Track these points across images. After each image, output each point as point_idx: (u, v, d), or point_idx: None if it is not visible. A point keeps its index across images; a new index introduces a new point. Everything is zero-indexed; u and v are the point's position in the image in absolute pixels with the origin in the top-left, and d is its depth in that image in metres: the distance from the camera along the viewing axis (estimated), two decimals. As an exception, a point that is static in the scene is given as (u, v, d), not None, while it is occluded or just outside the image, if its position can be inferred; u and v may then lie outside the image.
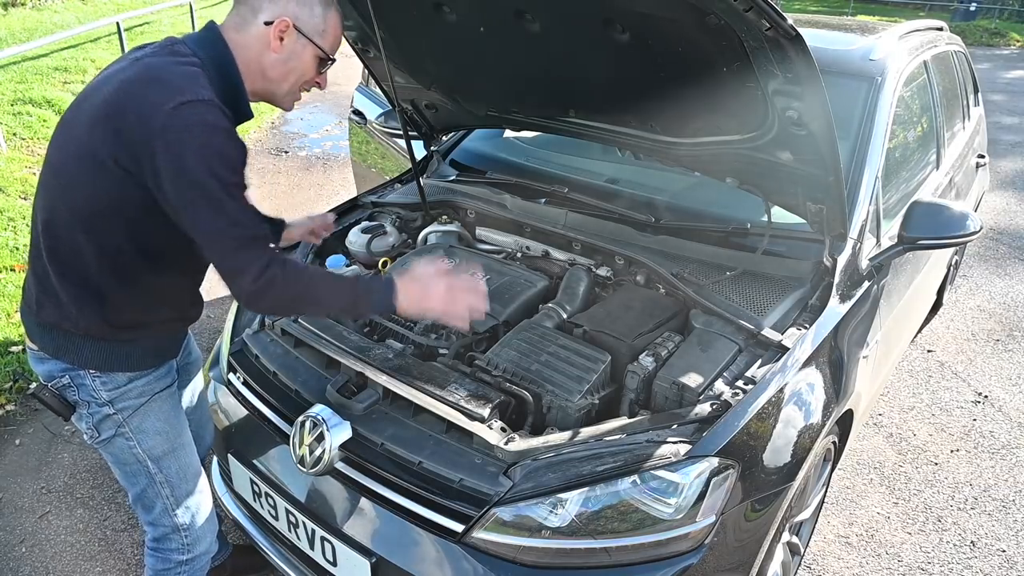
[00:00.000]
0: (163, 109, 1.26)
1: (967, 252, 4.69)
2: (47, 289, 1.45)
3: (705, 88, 1.70)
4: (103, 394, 1.51)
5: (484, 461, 1.55)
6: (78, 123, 1.36)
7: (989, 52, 14.78)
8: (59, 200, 1.39)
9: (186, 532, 1.67)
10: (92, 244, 1.38)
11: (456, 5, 1.85)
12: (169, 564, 1.69)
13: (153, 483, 1.61)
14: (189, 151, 1.27)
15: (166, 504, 1.64)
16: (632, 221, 2.18)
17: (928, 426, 3.09)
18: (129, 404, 1.54)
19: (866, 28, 2.89)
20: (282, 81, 1.47)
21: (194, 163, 1.27)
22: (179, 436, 1.64)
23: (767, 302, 1.88)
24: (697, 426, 1.55)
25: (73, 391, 1.51)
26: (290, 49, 1.43)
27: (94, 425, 1.55)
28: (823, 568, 2.37)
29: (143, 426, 1.57)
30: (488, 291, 2.01)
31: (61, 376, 1.50)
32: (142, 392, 1.55)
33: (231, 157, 1.33)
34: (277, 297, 1.39)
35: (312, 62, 1.47)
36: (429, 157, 2.83)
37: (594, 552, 1.46)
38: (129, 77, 1.33)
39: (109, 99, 1.31)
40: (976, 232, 2.12)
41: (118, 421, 1.54)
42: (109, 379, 1.51)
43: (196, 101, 1.28)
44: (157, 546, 1.68)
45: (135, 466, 1.59)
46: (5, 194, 4.89)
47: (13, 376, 3.21)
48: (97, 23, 8.57)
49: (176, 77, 1.31)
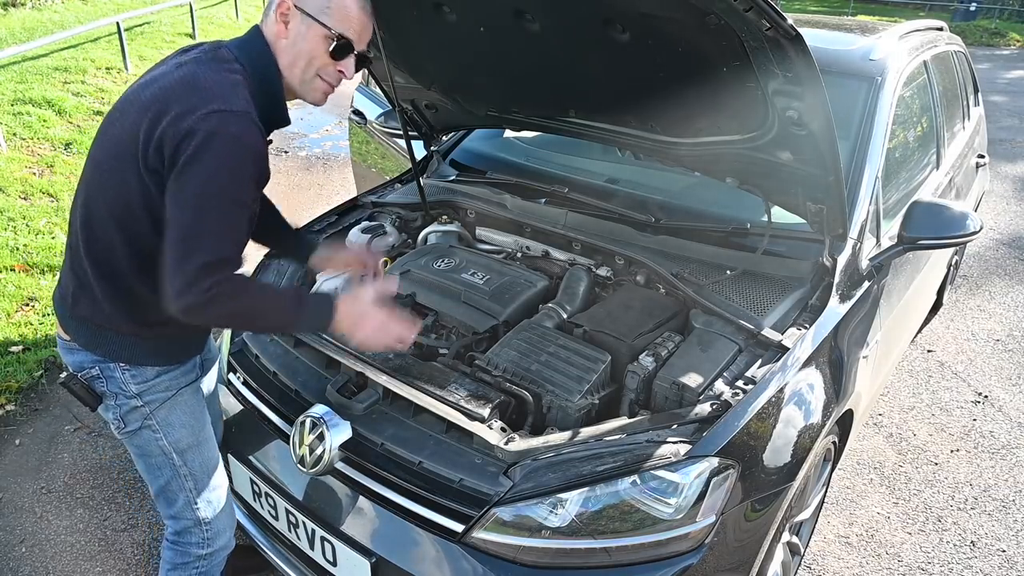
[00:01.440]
0: (196, 114, 1.28)
1: (967, 252, 4.69)
2: (83, 284, 1.47)
3: (705, 88, 1.70)
4: (132, 387, 1.53)
5: (484, 461, 1.55)
6: (119, 123, 1.38)
7: (989, 52, 14.79)
8: (97, 197, 1.41)
9: (207, 526, 1.68)
10: (125, 242, 1.40)
11: (456, 5, 1.85)
12: (188, 558, 1.70)
13: (177, 476, 1.62)
14: (207, 157, 1.27)
15: (189, 497, 1.65)
16: (632, 221, 2.18)
17: (928, 426, 3.09)
18: (157, 397, 1.56)
19: (866, 28, 2.89)
20: (292, 68, 1.43)
21: (206, 169, 1.28)
22: (203, 430, 1.65)
23: (767, 302, 1.88)
24: (697, 426, 1.55)
25: (102, 383, 1.53)
26: (295, 31, 1.40)
27: (121, 416, 1.56)
28: (823, 568, 2.37)
29: (170, 419, 1.59)
30: (488, 291, 2.02)
31: (91, 367, 1.52)
32: (169, 386, 1.57)
33: (245, 175, 1.32)
34: (215, 315, 1.37)
35: (320, 44, 1.41)
36: (429, 157, 2.83)
37: (594, 552, 1.46)
38: (170, 82, 1.35)
39: (148, 102, 1.34)
40: (976, 232, 2.12)
41: (145, 413, 1.56)
42: (138, 372, 1.53)
43: (228, 112, 1.29)
44: (178, 539, 1.69)
45: (160, 458, 1.61)
46: (5, 194, 4.88)
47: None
48: (97, 23, 8.57)
49: (214, 84, 1.33)
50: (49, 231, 4.52)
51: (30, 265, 4.08)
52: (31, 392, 3.14)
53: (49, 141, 5.96)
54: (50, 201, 4.98)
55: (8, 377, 3.15)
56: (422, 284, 2.06)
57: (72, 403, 3.03)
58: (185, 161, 1.28)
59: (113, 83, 7.78)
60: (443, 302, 2.00)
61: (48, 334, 3.51)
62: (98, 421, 2.93)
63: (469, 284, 2.05)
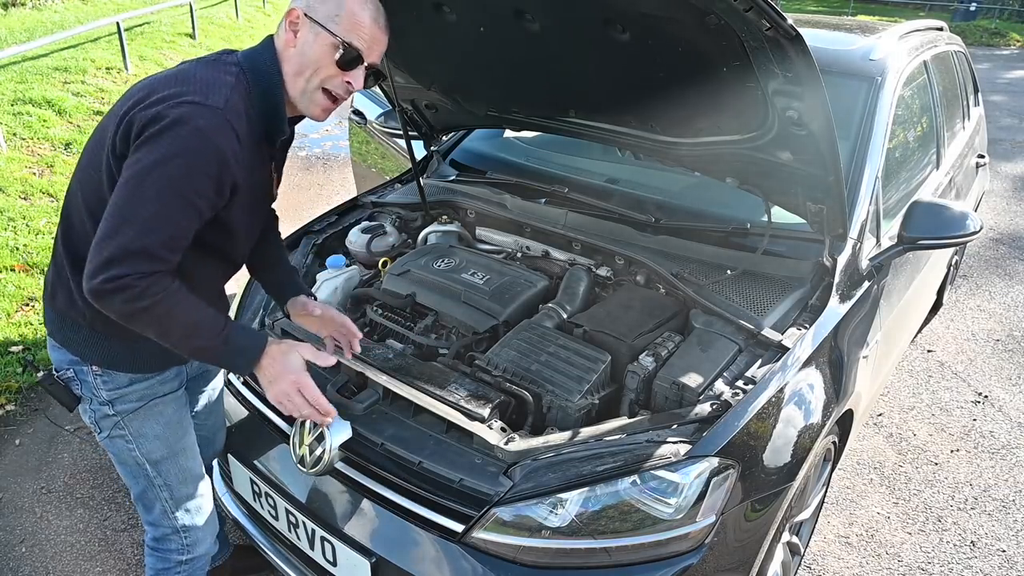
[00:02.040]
0: (168, 101, 1.25)
1: (967, 252, 4.69)
2: (61, 276, 1.45)
3: (705, 88, 1.70)
4: (103, 393, 1.51)
5: (484, 461, 1.55)
6: (109, 115, 1.37)
7: (989, 52, 14.78)
8: (78, 189, 1.40)
9: (186, 534, 1.67)
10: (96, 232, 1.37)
11: (456, 5, 1.85)
12: (169, 564, 1.69)
13: (152, 486, 1.61)
14: (163, 141, 1.22)
15: (165, 506, 1.63)
16: (632, 221, 2.18)
17: (928, 426, 3.09)
18: (128, 407, 1.53)
19: (866, 28, 2.89)
20: (298, 77, 1.37)
21: (159, 153, 1.22)
22: (180, 440, 1.62)
23: (767, 302, 1.88)
24: (697, 426, 1.55)
25: (76, 385, 1.51)
26: (303, 40, 1.35)
27: (96, 421, 1.55)
28: (823, 568, 2.37)
29: (142, 430, 1.56)
30: (488, 291, 2.02)
31: (67, 369, 1.50)
32: (143, 396, 1.54)
33: (200, 172, 1.25)
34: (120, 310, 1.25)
35: (327, 52, 1.35)
36: (429, 157, 2.83)
37: (594, 552, 1.46)
38: (162, 75, 1.34)
39: (134, 91, 1.33)
40: (976, 232, 2.12)
41: (116, 422, 1.54)
42: (110, 378, 1.50)
43: (201, 104, 1.25)
44: (157, 546, 1.68)
45: (134, 467, 1.59)
46: (5, 194, 4.88)
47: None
48: (97, 23, 8.56)
49: (200, 79, 1.30)
50: (49, 231, 4.52)
51: (30, 265, 4.08)
52: (31, 392, 3.14)
53: (49, 141, 5.96)
54: (50, 201, 4.98)
55: (8, 377, 3.15)
56: (422, 284, 2.06)
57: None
58: (141, 142, 1.23)
59: (113, 83, 7.78)
60: (443, 302, 2.00)
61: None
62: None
63: (469, 284, 2.05)
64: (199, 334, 1.33)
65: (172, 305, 1.27)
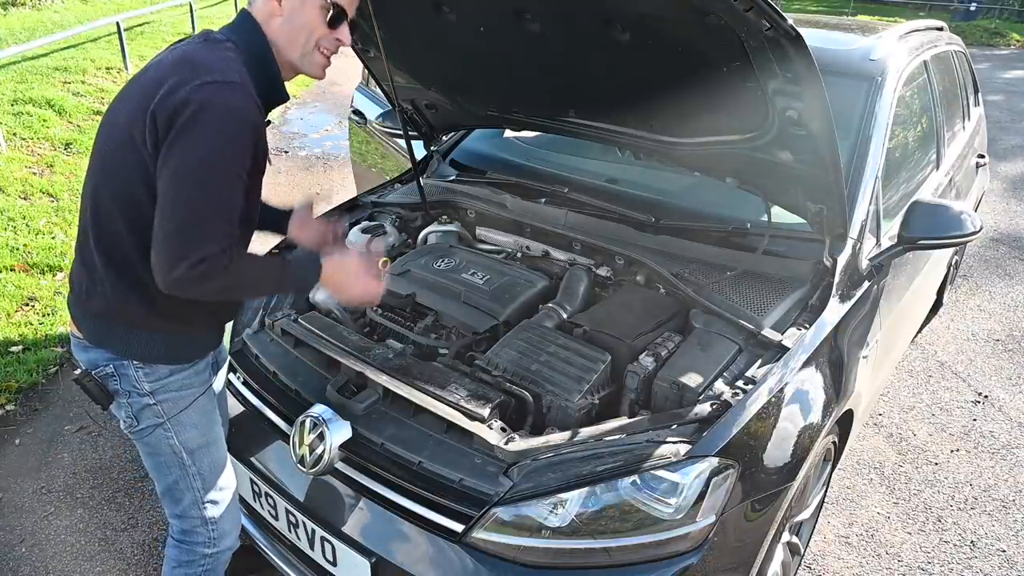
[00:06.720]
0: (189, 85, 1.27)
1: (967, 252, 4.69)
2: (95, 279, 1.46)
3: (705, 88, 1.70)
4: (145, 385, 1.53)
5: (484, 461, 1.55)
6: (119, 111, 1.38)
7: (989, 52, 14.79)
8: (102, 187, 1.41)
9: (213, 526, 1.68)
10: (130, 230, 1.39)
11: (456, 5, 1.85)
12: (194, 556, 1.69)
13: (186, 475, 1.62)
14: (201, 127, 1.26)
15: (196, 497, 1.64)
16: (632, 221, 2.18)
17: (928, 426, 3.09)
18: (170, 396, 1.55)
19: (866, 28, 2.89)
20: (292, 44, 1.43)
21: (200, 140, 1.26)
22: (212, 430, 1.65)
23: (767, 302, 1.88)
24: (697, 426, 1.55)
25: (116, 380, 1.52)
26: (290, 7, 1.41)
27: (134, 414, 1.55)
28: (823, 568, 2.37)
29: (182, 418, 1.58)
30: (488, 291, 2.02)
31: (105, 365, 1.51)
32: (182, 385, 1.57)
33: (241, 147, 1.31)
34: (207, 289, 1.34)
35: (317, 15, 1.41)
36: (429, 157, 2.83)
37: (594, 552, 1.46)
38: (165, 63, 1.35)
39: (144, 84, 1.34)
40: (976, 232, 2.12)
41: (158, 412, 1.56)
42: (152, 370, 1.52)
43: (223, 83, 1.29)
44: (184, 538, 1.69)
45: (169, 457, 1.60)
46: (5, 194, 4.88)
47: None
48: (97, 23, 8.56)
49: (207, 60, 1.33)
50: (49, 231, 4.53)
51: (30, 265, 4.08)
52: (31, 392, 3.14)
53: (49, 141, 5.96)
54: (50, 201, 4.98)
55: (8, 377, 3.15)
56: (422, 284, 2.06)
57: (74, 402, 3.04)
58: (177, 132, 1.26)
59: (113, 83, 7.78)
60: (443, 302, 2.01)
61: (48, 334, 3.51)
62: (98, 421, 2.93)
63: (469, 284, 2.05)
64: (268, 278, 1.47)
65: (244, 266, 1.40)
